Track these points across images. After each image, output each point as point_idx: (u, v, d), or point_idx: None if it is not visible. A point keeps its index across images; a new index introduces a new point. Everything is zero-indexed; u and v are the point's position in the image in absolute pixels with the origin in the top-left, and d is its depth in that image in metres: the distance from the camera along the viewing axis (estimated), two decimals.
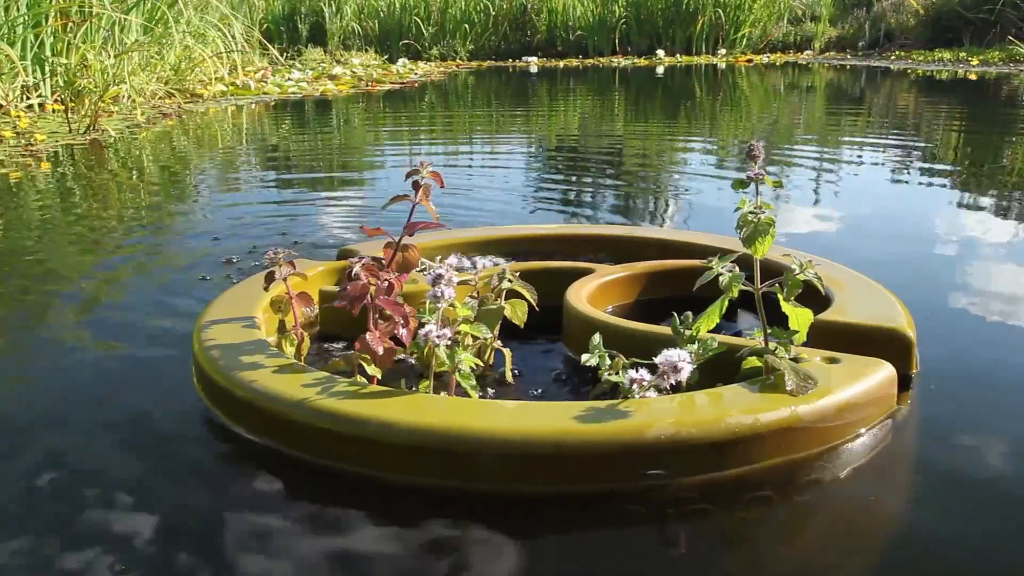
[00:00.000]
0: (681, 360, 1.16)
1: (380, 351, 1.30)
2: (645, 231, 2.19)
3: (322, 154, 4.63)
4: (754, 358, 1.29)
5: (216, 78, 8.11)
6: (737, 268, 1.27)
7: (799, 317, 1.26)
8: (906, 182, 3.48)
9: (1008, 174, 3.55)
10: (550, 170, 4.00)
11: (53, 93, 6.15)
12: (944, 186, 3.37)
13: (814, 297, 1.38)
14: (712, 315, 1.29)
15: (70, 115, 5.57)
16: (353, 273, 1.30)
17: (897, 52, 12.63)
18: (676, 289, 1.78)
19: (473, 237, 2.07)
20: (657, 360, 1.18)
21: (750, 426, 1.14)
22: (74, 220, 3.00)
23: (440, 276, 1.24)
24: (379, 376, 1.33)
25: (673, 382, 1.17)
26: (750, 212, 1.25)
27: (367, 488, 1.17)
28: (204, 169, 4.19)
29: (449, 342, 1.24)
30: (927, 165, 3.88)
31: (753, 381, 1.24)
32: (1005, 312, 1.82)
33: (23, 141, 4.78)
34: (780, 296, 1.25)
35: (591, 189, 3.43)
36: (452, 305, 1.30)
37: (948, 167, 3.83)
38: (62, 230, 2.83)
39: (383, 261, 1.38)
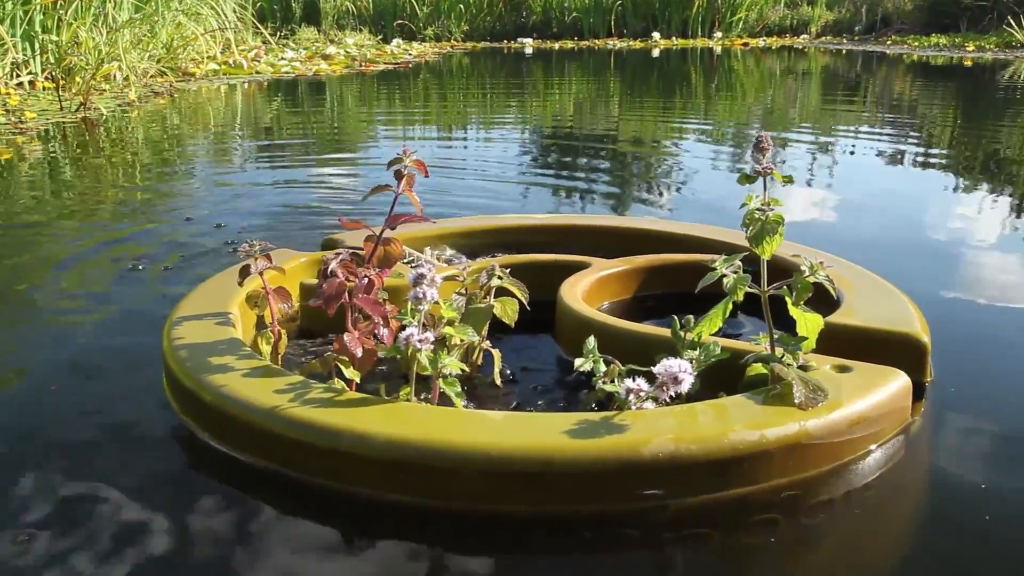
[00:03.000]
0: (682, 371, 1.08)
1: (359, 353, 1.21)
2: (644, 222, 2.08)
3: (314, 136, 4.53)
4: (759, 364, 1.21)
5: (208, 57, 7.99)
6: (742, 269, 1.18)
7: (808, 323, 1.17)
8: (911, 173, 3.40)
9: (1014, 163, 3.46)
10: (544, 156, 3.90)
11: (43, 70, 6.03)
12: (951, 178, 3.28)
13: (822, 298, 1.29)
14: (715, 318, 1.21)
15: (61, 93, 5.46)
16: (329, 270, 1.21)
17: (893, 37, 12.53)
18: (676, 285, 1.70)
19: (462, 227, 1.98)
20: (656, 370, 1.09)
21: (755, 442, 1.05)
22: (61, 200, 2.90)
23: (422, 276, 1.15)
24: (358, 379, 1.24)
25: (672, 394, 1.09)
26: (757, 209, 1.16)
27: (341, 504, 1.08)
28: (194, 149, 4.09)
29: (431, 346, 1.15)
30: (930, 154, 3.79)
31: (758, 391, 1.15)
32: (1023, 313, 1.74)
33: (13, 119, 4.69)
34: (788, 300, 1.17)
35: (586, 176, 3.33)
36: (437, 302, 1.22)
37: (952, 157, 3.74)
38: (48, 210, 2.73)
39: (363, 255, 1.29)
